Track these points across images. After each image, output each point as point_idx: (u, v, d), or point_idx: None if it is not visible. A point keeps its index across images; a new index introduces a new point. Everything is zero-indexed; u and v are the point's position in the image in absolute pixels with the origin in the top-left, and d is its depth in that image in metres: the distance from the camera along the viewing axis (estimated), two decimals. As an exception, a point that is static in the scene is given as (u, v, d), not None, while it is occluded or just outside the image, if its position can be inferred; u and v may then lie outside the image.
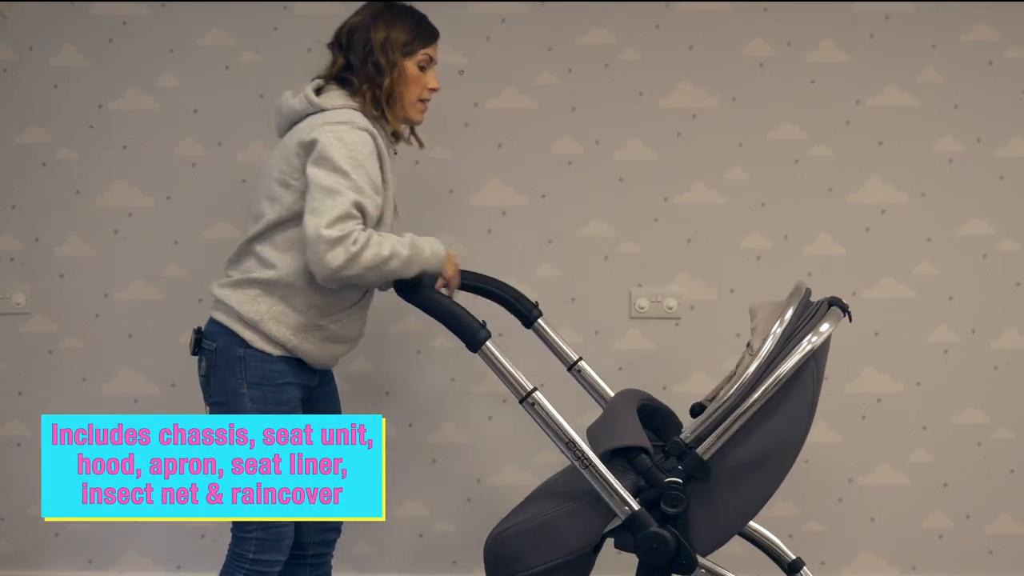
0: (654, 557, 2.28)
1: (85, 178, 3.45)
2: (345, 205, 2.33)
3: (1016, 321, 3.45)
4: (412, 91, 2.59)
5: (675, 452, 2.27)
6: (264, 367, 2.53)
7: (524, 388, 2.29)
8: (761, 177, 3.41)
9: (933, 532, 3.53)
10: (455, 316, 2.33)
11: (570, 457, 2.27)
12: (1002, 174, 3.40)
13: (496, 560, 2.32)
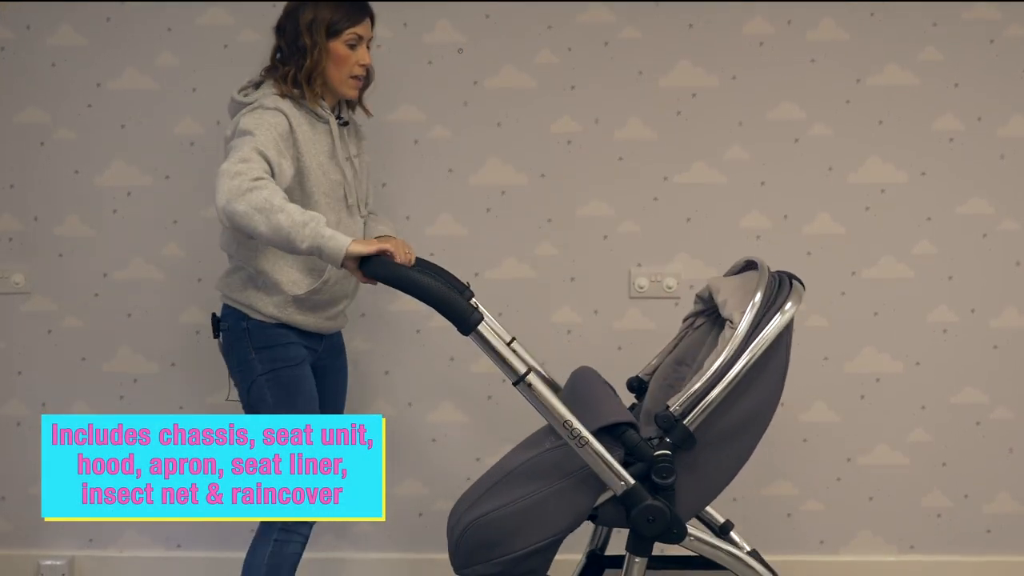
0: (650, 529, 2.31)
1: (83, 157, 3.45)
2: (247, 149, 2.50)
3: (1016, 301, 3.45)
4: (341, 69, 2.73)
5: (664, 425, 2.28)
6: (266, 332, 2.74)
7: (518, 371, 2.30)
8: (761, 156, 3.40)
9: (931, 511, 3.54)
10: (447, 300, 2.32)
11: (566, 436, 2.27)
12: (1003, 153, 3.39)
13: (475, 546, 2.32)
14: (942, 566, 3.54)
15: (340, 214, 2.76)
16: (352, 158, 2.81)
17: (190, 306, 3.50)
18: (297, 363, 2.76)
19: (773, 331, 2.33)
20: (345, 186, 2.76)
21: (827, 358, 3.47)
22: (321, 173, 2.71)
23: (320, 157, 2.72)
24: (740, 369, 2.29)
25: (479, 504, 2.36)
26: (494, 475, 2.43)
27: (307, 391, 2.78)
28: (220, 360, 3.50)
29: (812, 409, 3.50)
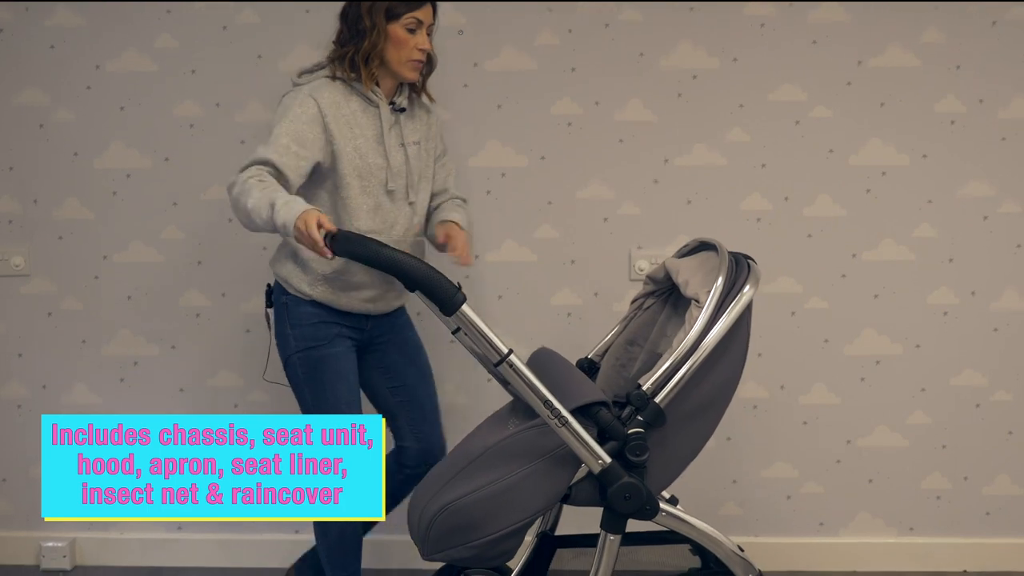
0: (626, 506, 2.34)
1: (83, 139, 3.44)
2: (254, 156, 2.64)
3: (1016, 283, 3.45)
4: (400, 52, 2.74)
5: (637, 403, 2.31)
6: (300, 309, 2.80)
7: (501, 351, 2.31)
8: (761, 138, 3.39)
9: (931, 493, 3.55)
10: (431, 280, 2.31)
11: (545, 416, 2.29)
12: (1004, 135, 3.38)
13: (448, 531, 2.32)
14: (941, 548, 3.55)
15: (379, 199, 2.76)
16: (408, 144, 2.80)
17: (190, 288, 3.50)
18: (327, 342, 2.79)
19: (738, 310, 2.37)
20: (388, 172, 2.76)
21: (827, 341, 3.47)
22: (357, 156, 2.72)
23: (358, 140, 2.73)
24: (709, 346, 2.33)
25: (447, 490, 2.36)
26: (458, 461, 2.42)
27: (338, 371, 2.81)
28: (220, 343, 3.53)
29: (812, 392, 3.50)
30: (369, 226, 2.75)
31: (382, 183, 2.76)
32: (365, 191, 2.74)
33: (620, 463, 2.33)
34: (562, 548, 2.76)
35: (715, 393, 2.41)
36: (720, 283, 2.38)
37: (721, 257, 2.45)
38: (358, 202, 2.73)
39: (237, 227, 3.41)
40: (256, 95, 3.40)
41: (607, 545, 2.39)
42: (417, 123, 2.87)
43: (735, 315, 2.36)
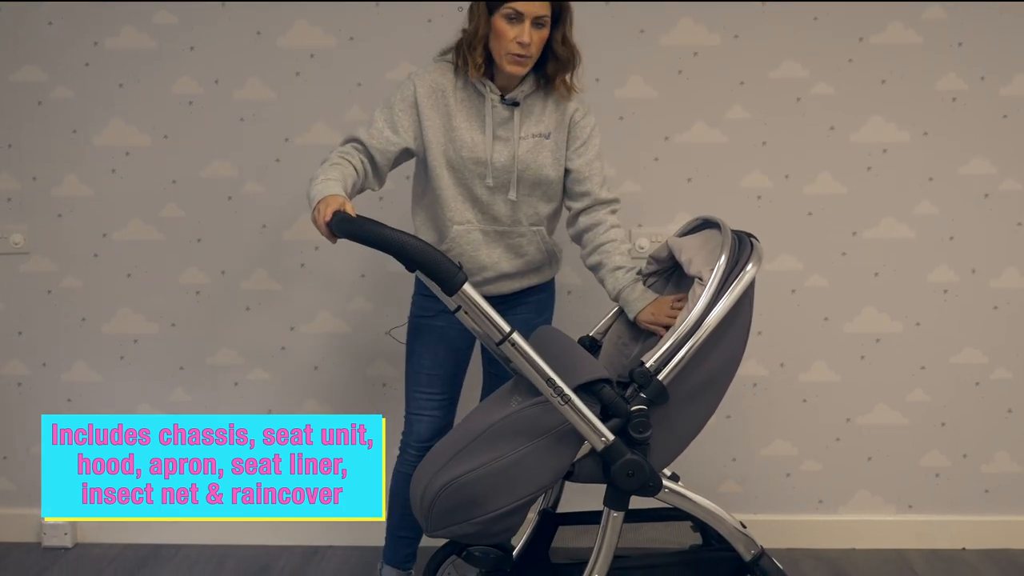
0: (630, 483, 2.35)
1: (81, 117, 3.43)
2: (349, 133, 2.72)
3: (1016, 261, 3.44)
4: (500, 44, 2.64)
5: (640, 380, 2.31)
6: (419, 279, 2.78)
7: (503, 330, 2.31)
8: (762, 115, 3.38)
9: (930, 471, 3.56)
10: (431, 259, 2.31)
11: (548, 394, 2.29)
12: (1005, 113, 3.37)
13: (452, 507, 2.33)
14: (940, 525, 3.56)
15: (476, 191, 2.73)
16: (522, 139, 2.73)
17: (190, 266, 3.49)
18: (432, 315, 2.83)
19: (741, 288, 2.37)
20: (487, 167, 2.72)
21: (827, 318, 3.47)
22: (451, 147, 2.70)
23: (456, 132, 2.70)
24: (712, 324, 2.33)
25: (451, 467, 2.36)
26: (461, 438, 2.42)
27: (430, 343, 2.85)
28: (220, 321, 3.54)
29: (812, 369, 3.50)
30: (463, 217, 2.74)
31: (481, 177, 2.72)
32: (459, 182, 2.72)
33: (623, 440, 2.34)
34: (564, 525, 2.77)
35: (718, 371, 2.42)
36: (723, 261, 2.37)
37: (724, 235, 2.44)
38: (450, 192, 2.72)
39: (237, 205, 3.43)
40: (255, 72, 3.38)
41: (610, 522, 2.39)
42: (545, 115, 2.76)
43: (738, 293, 2.36)
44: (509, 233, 2.78)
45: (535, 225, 2.81)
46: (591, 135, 2.81)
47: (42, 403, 3.57)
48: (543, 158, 2.75)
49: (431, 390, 2.88)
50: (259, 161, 3.43)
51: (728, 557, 2.54)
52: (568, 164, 2.80)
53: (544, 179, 2.77)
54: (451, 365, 2.89)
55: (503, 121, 2.72)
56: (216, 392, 3.55)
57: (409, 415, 2.91)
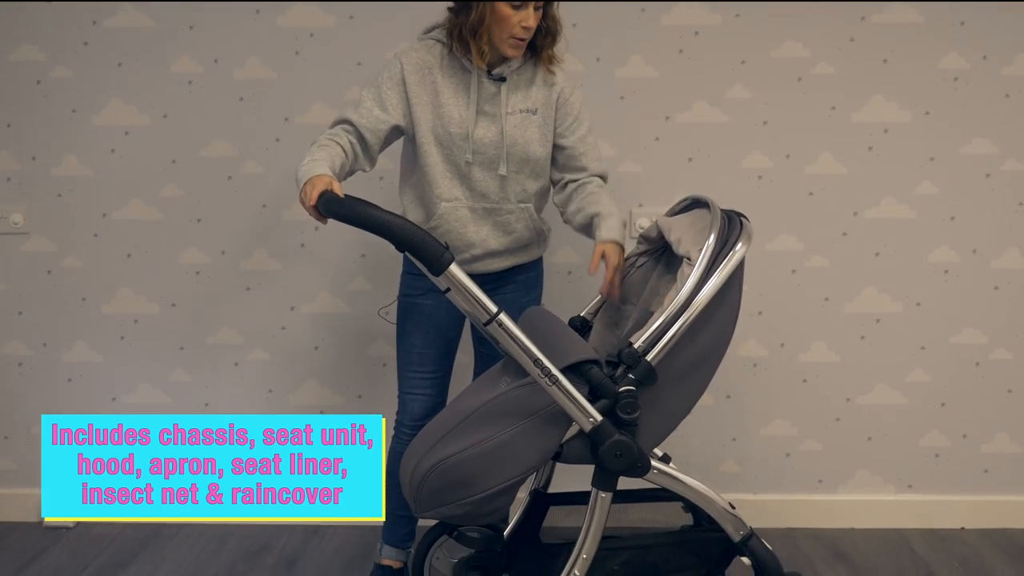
0: (617, 464, 2.35)
1: (80, 96, 3.42)
2: (340, 115, 2.72)
3: (1017, 241, 3.44)
4: (503, 29, 2.64)
5: (628, 361, 2.31)
6: (406, 257, 2.83)
7: (490, 310, 2.30)
8: (763, 95, 3.37)
9: (930, 451, 3.56)
10: (418, 240, 2.30)
11: (535, 375, 2.28)
12: (1007, 92, 3.36)
13: (440, 488, 2.33)
14: (939, 505, 3.57)
15: (464, 167, 2.73)
16: (510, 114, 2.74)
17: (190, 247, 3.49)
18: (420, 293, 2.85)
19: (730, 268, 2.35)
20: (476, 142, 2.72)
21: (828, 299, 3.47)
22: (440, 124, 2.71)
23: (444, 109, 2.70)
24: (700, 304, 2.32)
25: (439, 448, 2.36)
26: (450, 419, 2.42)
27: (420, 322, 2.86)
28: (220, 301, 3.54)
29: (812, 349, 3.50)
30: (451, 194, 2.74)
31: (468, 152, 2.72)
32: (447, 159, 2.73)
33: (611, 421, 2.33)
34: (555, 505, 2.77)
35: (707, 351, 2.40)
36: (712, 240, 2.36)
37: (713, 214, 2.43)
38: (438, 170, 2.72)
39: (236, 185, 3.42)
40: (254, 51, 3.37)
41: (598, 502, 2.39)
42: (532, 91, 2.77)
43: (727, 273, 2.35)
44: (497, 210, 2.78)
45: (523, 202, 2.81)
46: (581, 111, 2.82)
47: (42, 383, 3.57)
48: (531, 134, 2.76)
49: (422, 369, 2.89)
50: (259, 141, 3.42)
51: (718, 538, 2.54)
52: (561, 141, 2.80)
53: (532, 155, 2.77)
54: (441, 344, 2.90)
55: (490, 97, 2.72)
56: (216, 372, 3.55)
57: (402, 395, 2.92)
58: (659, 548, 2.56)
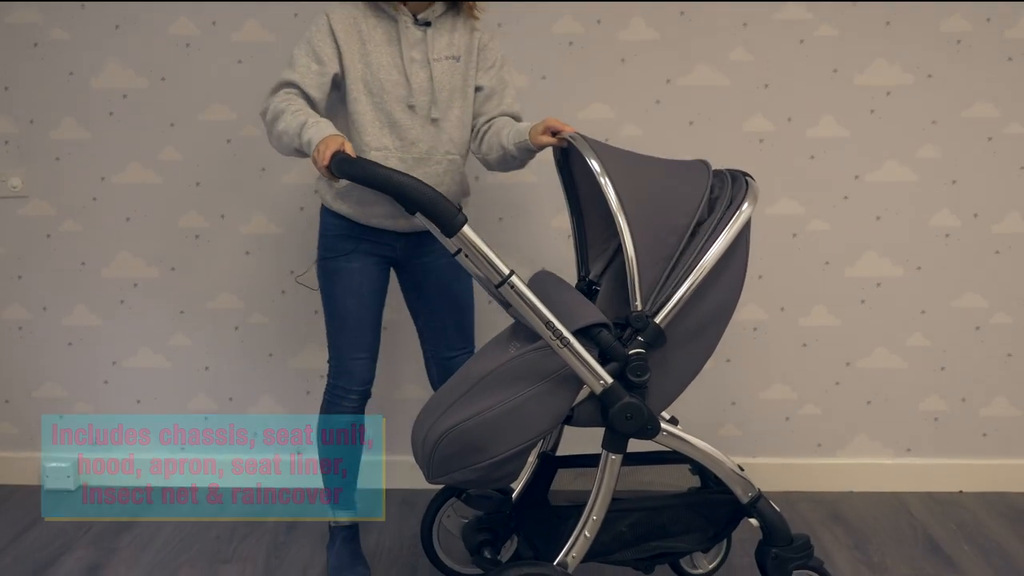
0: (628, 426, 2.35)
1: (78, 59, 3.40)
2: (279, 79, 2.70)
3: (1019, 205, 3.43)
4: None
5: (637, 324, 2.30)
6: (326, 220, 2.87)
7: (502, 272, 2.30)
8: (765, 57, 3.35)
9: (928, 415, 3.57)
10: (431, 201, 2.30)
11: (547, 338, 2.29)
12: (1010, 55, 3.34)
13: (452, 454, 2.34)
14: (938, 469, 3.58)
15: (395, 115, 2.70)
16: (437, 60, 2.73)
17: (189, 210, 3.48)
18: (344, 255, 2.81)
19: (736, 227, 2.35)
20: (408, 88, 2.71)
21: (828, 262, 3.47)
22: (368, 72, 2.69)
23: (371, 56, 2.69)
24: (708, 265, 2.32)
25: (450, 414, 2.36)
26: (460, 385, 2.43)
27: (350, 285, 2.82)
28: (220, 265, 3.53)
29: (812, 313, 3.50)
30: (381, 143, 2.71)
31: (400, 99, 2.71)
32: (377, 107, 2.70)
33: (621, 384, 2.34)
34: (563, 468, 2.78)
35: (715, 312, 2.41)
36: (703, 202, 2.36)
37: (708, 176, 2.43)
38: (368, 118, 2.70)
39: (236, 148, 3.40)
40: (253, 13, 3.35)
41: (608, 465, 2.40)
42: (455, 38, 2.77)
43: (734, 232, 2.34)
44: (427, 160, 2.73)
45: (451, 154, 2.78)
46: (500, 59, 2.85)
47: (43, 347, 3.58)
48: (456, 80, 2.76)
49: (361, 332, 2.86)
50: (258, 104, 3.37)
51: (726, 500, 2.56)
52: (480, 82, 2.82)
53: (459, 102, 2.77)
54: (376, 305, 2.88)
55: (416, 42, 2.72)
56: (216, 336, 3.55)
57: (345, 361, 2.86)
58: (668, 510, 2.57)
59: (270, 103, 2.66)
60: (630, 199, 2.30)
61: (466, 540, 2.76)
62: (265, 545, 3.19)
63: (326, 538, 3.13)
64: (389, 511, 3.43)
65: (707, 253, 2.32)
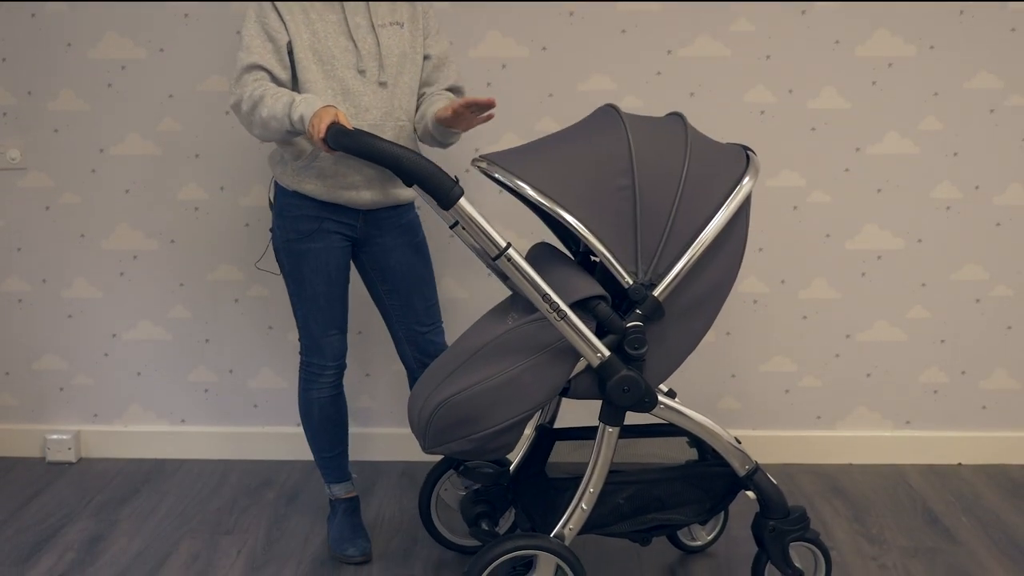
0: (625, 398, 2.36)
1: (75, 29, 3.37)
2: (240, 65, 2.67)
3: (1020, 177, 3.42)
4: None
5: (636, 296, 2.30)
6: (285, 201, 2.82)
7: (499, 245, 2.29)
8: (766, 28, 3.33)
9: (928, 387, 3.57)
10: (428, 173, 2.29)
11: (544, 310, 2.29)
12: (1013, 26, 3.32)
13: (448, 425, 2.35)
14: (937, 441, 3.59)
15: (347, 83, 2.69)
16: (382, 27, 2.72)
17: (189, 182, 3.47)
18: (307, 235, 2.78)
19: (737, 202, 2.35)
20: (355, 53, 2.69)
21: (829, 235, 3.46)
22: (315, 40, 2.67)
23: (316, 25, 2.68)
24: (707, 239, 2.32)
25: (447, 384, 2.37)
26: (457, 356, 2.43)
27: (317, 266, 2.80)
28: (220, 237, 3.53)
29: (812, 286, 3.50)
30: None
31: (350, 65, 2.69)
32: (328, 75, 2.68)
33: (619, 356, 2.34)
34: (561, 440, 2.79)
35: (713, 286, 2.40)
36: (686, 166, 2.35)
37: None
38: (319, 86, 2.67)
39: (235, 120, 3.39)
40: (251, -16, 3.33)
41: (605, 437, 2.41)
42: (396, 4, 2.77)
43: (734, 207, 2.34)
44: (380, 127, 2.71)
45: (403, 120, 2.77)
46: (439, 27, 2.86)
47: (43, 319, 3.58)
48: (404, 45, 2.75)
49: (331, 311, 2.86)
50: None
51: (723, 472, 2.57)
52: (428, 51, 2.81)
53: (408, 67, 2.76)
54: (343, 282, 2.87)
55: (358, 8, 2.71)
56: (216, 309, 3.55)
57: (319, 339, 2.87)
58: (665, 483, 2.57)
59: (242, 92, 2.63)
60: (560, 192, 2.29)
61: (464, 512, 2.78)
62: (266, 517, 3.20)
63: (326, 510, 3.14)
64: (389, 483, 3.44)
65: (706, 227, 2.32)
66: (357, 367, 3.47)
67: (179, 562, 2.93)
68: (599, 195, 2.31)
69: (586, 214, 2.29)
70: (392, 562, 2.94)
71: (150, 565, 2.91)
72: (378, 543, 3.03)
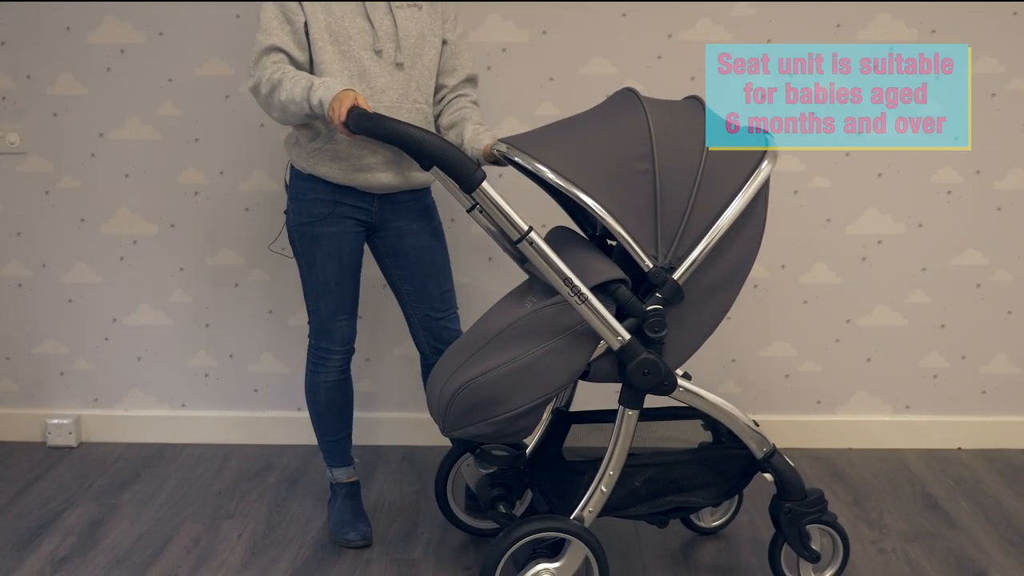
0: (645, 381, 2.36)
1: (75, 14, 3.36)
2: (259, 48, 2.65)
3: (1021, 162, 3.41)
4: None
5: (656, 280, 2.31)
6: (299, 184, 2.80)
7: (521, 228, 2.30)
8: (767, 13, 3.32)
9: (928, 372, 3.57)
10: (451, 156, 2.29)
11: (565, 293, 2.29)
12: (1015, 11, 3.31)
13: (469, 408, 2.35)
14: (937, 426, 3.59)
15: (364, 64, 2.67)
16: (399, 7, 2.70)
17: (188, 167, 3.46)
18: (320, 219, 2.76)
19: (755, 186, 2.35)
20: (371, 34, 2.68)
21: (829, 220, 3.45)
22: (332, 20, 2.65)
23: (333, 6, 2.66)
24: (727, 223, 2.32)
25: (467, 367, 2.38)
26: (478, 339, 2.44)
27: (329, 249, 2.79)
28: (219, 221, 3.52)
29: (813, 271, 3.50)
30: None
31: (367, 46, 2.67)
32: (344, 56, 2.67)
33: (639, 340, 2.34)
34: (577, 424, 2.79)
35: (733, 270, 2.41)
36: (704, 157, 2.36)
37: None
38: (335, 67, 2.66)
39: (234, 104, 3.38)
40: (251, -33, 3.32)
41: (625, 420, 2.41)
42: None
43: (752, 191, 2.35)
44: (396, 109, 2.69)
45: (420, 103, 2.75)
46: (456, 12, 2.85)
47: (43, 304, 3.57)
48: (423, 26, 2.73)
49: (342, 295, 2.86)
50: (256, 59, 3.38)
51: (739, 454, 2.57)
52: (446, 35, 2.80)
53: (426, 48, 2.75)
54: (355, 267, 2.87)
55: None
56: (216, 293, 3.55)
57: (328, 323, 2.87)
58: (682, 465, 2.58)
59: (261, 75, 2.62)
60: (580, 176, 2.28)
61: (480, 495, 2.77)
62: (266, 502, 3.21)
63: (327, 494, 3.15)
64: (389, 468, 3.45)
65: (726, 211, 2.32)
66: (358, 352, 3.46)
67: (180, 546, 2.94)
68: (619, 179, 2.31)
69: (607, 198, 2.29)
70: (392, 546, 2.94)
71: (151, 549, 2.92)
72: (378, 527, 3.03)
